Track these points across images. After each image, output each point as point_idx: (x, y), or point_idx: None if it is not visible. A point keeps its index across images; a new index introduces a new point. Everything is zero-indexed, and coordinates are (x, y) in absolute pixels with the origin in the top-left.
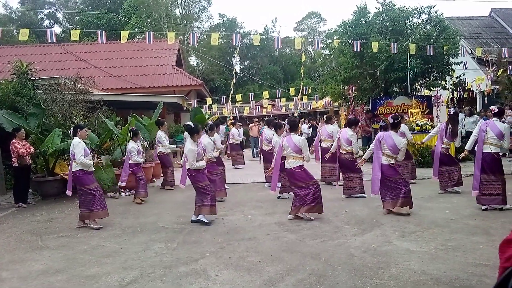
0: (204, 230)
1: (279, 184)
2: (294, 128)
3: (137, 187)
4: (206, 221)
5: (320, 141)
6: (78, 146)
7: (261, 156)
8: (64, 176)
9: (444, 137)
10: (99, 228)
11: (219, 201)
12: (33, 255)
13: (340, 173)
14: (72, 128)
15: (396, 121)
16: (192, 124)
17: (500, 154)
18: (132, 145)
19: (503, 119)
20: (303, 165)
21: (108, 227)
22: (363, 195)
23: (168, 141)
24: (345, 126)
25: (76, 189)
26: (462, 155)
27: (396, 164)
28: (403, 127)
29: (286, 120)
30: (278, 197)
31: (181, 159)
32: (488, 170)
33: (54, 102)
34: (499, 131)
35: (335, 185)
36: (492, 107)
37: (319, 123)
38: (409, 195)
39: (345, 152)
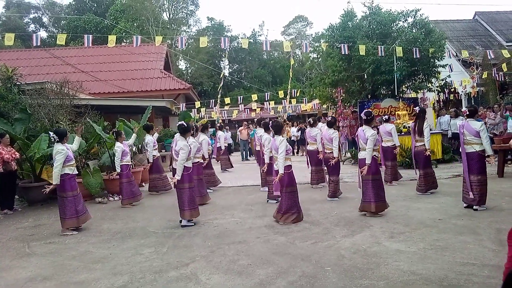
0: (194, 234)
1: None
2: (277, 131)
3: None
4: (191, 224)
5: (307, 144)
6: (59, 153)
7: (258, 157)
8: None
9: (415, 135)
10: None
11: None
12: (20, 262)
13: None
14: (53, 133)
15: (369, 117)
16: (185, 124)
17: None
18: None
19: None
20: (290, 165)
21: (97, 233)
22: (334, 199)
23: (156, 147)
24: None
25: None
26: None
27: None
28: (393, 128)
29: (270, 123)
30: (267, 201)
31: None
32: (474, 170)
33: (41, 107)
34: (475, 131)
35: (319, 187)
36: (464, 109)
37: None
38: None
39: (330, 151)
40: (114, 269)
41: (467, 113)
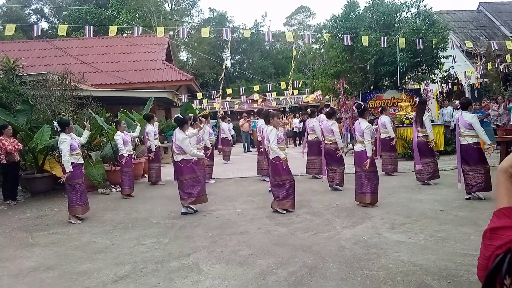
0: (196, 225)
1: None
2: (267, 120)
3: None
4: (194, 209)
5: (307, 135)
6: (62, 142)
7: (259, 148)
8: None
9: (417, 126)
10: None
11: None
12: (23, 252)
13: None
14: (56, 123)
15: (360, 109)
16: (181, 116)
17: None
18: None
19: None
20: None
21: (99, 223)
22: (339, 188)
23: (157, 136)
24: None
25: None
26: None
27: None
28: (387, 121)
29: (261, 113)
30: (270, 191)
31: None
32: (470, 161)
33: (43, 99)
34: (466, 123)
35: (320, 177)
36: (457, 101)
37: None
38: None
39: (330, 142)
40: (117, 259)
41: (459, 106)
